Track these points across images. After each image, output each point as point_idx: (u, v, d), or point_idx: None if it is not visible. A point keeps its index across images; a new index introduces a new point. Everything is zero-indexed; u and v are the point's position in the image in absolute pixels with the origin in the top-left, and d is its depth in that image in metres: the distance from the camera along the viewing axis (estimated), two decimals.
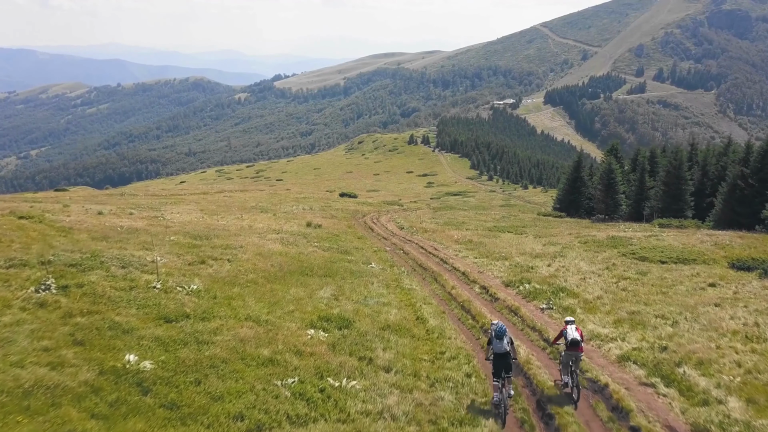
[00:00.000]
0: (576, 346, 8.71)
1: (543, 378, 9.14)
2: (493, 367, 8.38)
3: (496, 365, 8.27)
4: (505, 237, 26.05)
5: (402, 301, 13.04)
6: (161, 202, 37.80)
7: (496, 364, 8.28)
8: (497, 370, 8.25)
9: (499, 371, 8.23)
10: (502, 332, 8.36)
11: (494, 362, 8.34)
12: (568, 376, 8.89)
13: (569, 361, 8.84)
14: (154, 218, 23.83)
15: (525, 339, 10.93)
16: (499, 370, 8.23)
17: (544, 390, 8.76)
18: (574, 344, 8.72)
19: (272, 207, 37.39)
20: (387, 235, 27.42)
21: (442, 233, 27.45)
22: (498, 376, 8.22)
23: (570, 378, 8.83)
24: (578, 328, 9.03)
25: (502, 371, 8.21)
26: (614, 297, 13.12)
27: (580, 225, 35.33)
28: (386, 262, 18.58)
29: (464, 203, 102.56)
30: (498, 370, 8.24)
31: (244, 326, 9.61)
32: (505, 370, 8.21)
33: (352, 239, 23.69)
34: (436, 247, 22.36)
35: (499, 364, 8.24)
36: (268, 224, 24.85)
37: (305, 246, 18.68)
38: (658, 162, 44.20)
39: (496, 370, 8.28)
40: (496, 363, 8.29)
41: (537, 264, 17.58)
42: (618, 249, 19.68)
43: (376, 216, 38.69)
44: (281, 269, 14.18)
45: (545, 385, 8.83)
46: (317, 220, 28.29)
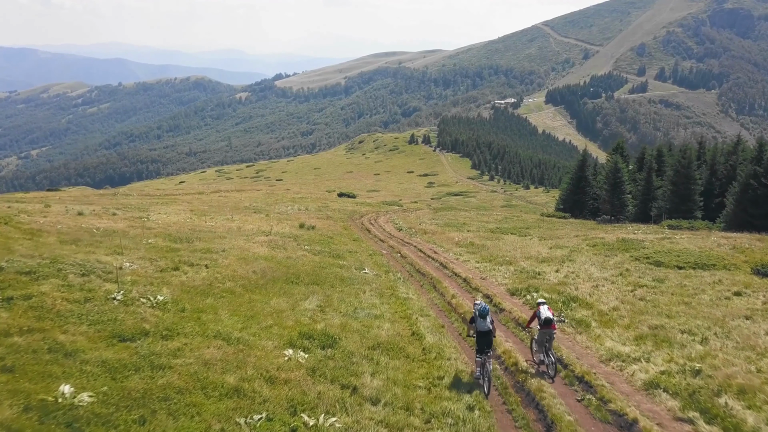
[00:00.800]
0: (549, 324, 9.22)
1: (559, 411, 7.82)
2: (476, 344, 8.91)
3: (479, 342, 8.83)
4: (508, 239, 24.72)
5: (396, 313, 11.74)
6: (152, 202, 36.55)
7: (479, 341, 8.83)
8: (480, 347, 8.80)
9: (482, 348, 8.80)
10: (485, 312, 8.96)
11: (477, 339, 8.88)
12: (543, 354, 9.41)
13: (543, 340, 9.30)
14: (137, 219, 22.55)
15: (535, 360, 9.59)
16: (482, 347, 8.79)
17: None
18: (548, 322, 9.21)
19: (266, 207, 36.10)
20: (384, 237, 26.11)
21: (442, 235, 26.13)
22: (481, 352, 8.81)
23: (545, 356, 9.32)
24: (550, 308, 9.66)
25: (484, 347, 8.78)
26: (632, 308, 11.80)
27: (585, 226, 33.99)
28: (381, 267, 17.26)
29: (465, 203, 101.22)
30: (481, 347, 8.80)
31: (211, 346, 8.31)
32: (487, 346, 8.79)
33: (346, 242, 22.38)
34: (436, 250, 21.05)
35: (482, 341, 8.79)
36: (258, 226, 23.55)
37: (294, 249, 17.37)
38: (665, 161, 42.86)
39: (479, 346, 8.83)
40: (479, 340, 8.84)
41: (544, 269, 16.25)
42: (630, 253, 18.35)
43: (374, 217, 37.40)
44: (264, 276, 12.87)
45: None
46: (311, 222, 26.99)
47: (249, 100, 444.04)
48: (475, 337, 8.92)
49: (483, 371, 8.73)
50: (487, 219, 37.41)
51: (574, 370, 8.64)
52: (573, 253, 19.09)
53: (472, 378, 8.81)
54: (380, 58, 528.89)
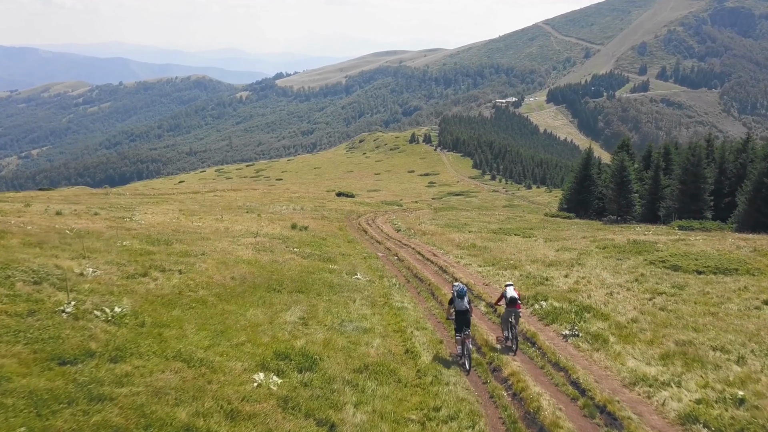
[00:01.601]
0: (514, 303, 9.94)
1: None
2: (455, 324, 9.40)
3: (458, 321, 9.30)
4: (512, 240, 23.44)
5: (389, 326, 10.45)
6: (142, 202, 35.33)
7: (458, 321, 9.30)
8: (459, 326, 9.30)
9: (460, 327, 9.28)
10: (463, 293, 9.51)
11: (456, 319, 9.35)
12: (507, 330, 10.10)
13: (509, 317, 10.00)
14: (119, 219, 21.30)
15: (548, 383, 8.30)
16: (460, 326, 9.28)
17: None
18: (513, 302, 9.94)
19: (260, 207, 34.85)
20: (381, 238, 24.85)
21: (443, 236, 24.86)
22: (460, 331, 9.29)
23: (509, 332, 10.03)
24: (516, 288, 10.40)
25: (463, 326, 9.26)
26: (653, 320, 10.52)
27: (591, 227, 32.69)
28: (376, 271, 15.97)
29: (467, 203, 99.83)
30: (460, 326, 9.30)
31: (168, 369, 7.06)
32: (465, 325, 9.26)
33: (340, 243, 21.12)
34: (435, 253, 19.78)
35: (461, 320, 9.29)
36: (247, 226, 22.30)
37: (282, 252, 16.09)
38: (672, 159, 41.54)
39: (457, 325, 9.32)
40: (458, 319, 9.31)
41: (552, 274, 14.97)
42: (644, 256, 17.07)
43: (372, 217, 36.13)
44: (243, 283, 11.61)
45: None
46: (305, 222, 25.73)
47: (249, 100, 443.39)
48: (454, 317, 9.45)
49: (463, 349, 9.26)
50: (489, 219, 36.13)
51: (593, 398, 7.39)
52: (582, 256, 17.79)
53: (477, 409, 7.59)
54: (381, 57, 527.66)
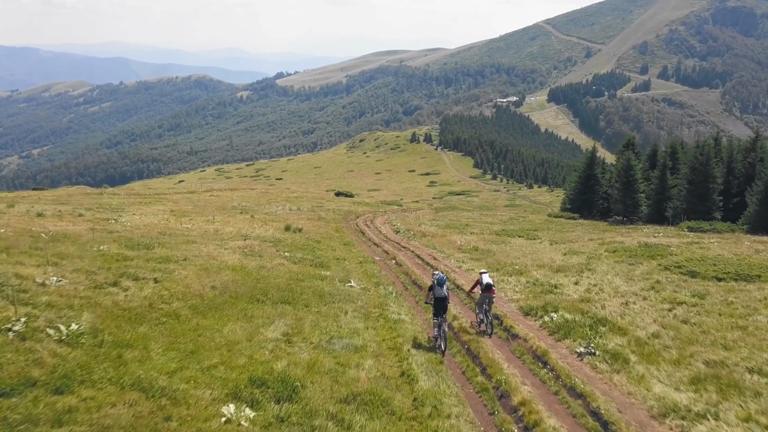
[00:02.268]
0: (489, 289, 10.58)
1: None
2: (434, 309, 10.03)
3: (436, 307, 9.93)
4: (515, 243, 22.38)
5: (384, 342, 9.39)
6: (135, 202, 34.32)
7: (437, 306, 9.93)
8: (437, 311, 9.91)
9: (438, 312, 9.87)
10: (443, 281, 10.10)
11: (435, 305, 9.99)
12: (482, 314, 10.72)
13: (483, 302, 10.64)
14: (104, 221, 20.28)
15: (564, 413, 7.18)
16: (438, 311, 9.87)
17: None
18: (488, 287, 10.57)
19: (256, 207, 33.80)
20: (379, 240, 23.80)
21: (443, 238, 23.81)
22: (437, 316, 9.90)
23: (484, 316, 10.68)
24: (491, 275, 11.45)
25: (440, 311, 9.85)
26: (676, 334, 9.47)
27: (597, 228, 31.63)
28: (372, 278, 14.89)
29: (468, 203, 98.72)
30: (437, 311, 9.89)
31: (121, 401, 6.01)
32: (442, 311, 9.84)
33: (335, 246, 20.05)
34: (435, 257, 18.73)
35: (439, 306, 9.88)
36: (239, 228, 21.26)
37: (271, 257, 15.04)
38: (679, 158, 40.44)
39: (435, 311, 9.95)
40: (436, 305, 9.95)
41: (561, 281, 13.91)
42: (657, 260, 16.00)
43: (371, 217, 35.08)
44: (224, 292, 10.56)
45: None
46: (300, 223, 24.69)
47: (250, 99, 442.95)
48: (433, 303, 10.14)
49: (440, 331, 9.97)
50: (492, 220, 35.07)
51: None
52: (591, 260, 16.73)
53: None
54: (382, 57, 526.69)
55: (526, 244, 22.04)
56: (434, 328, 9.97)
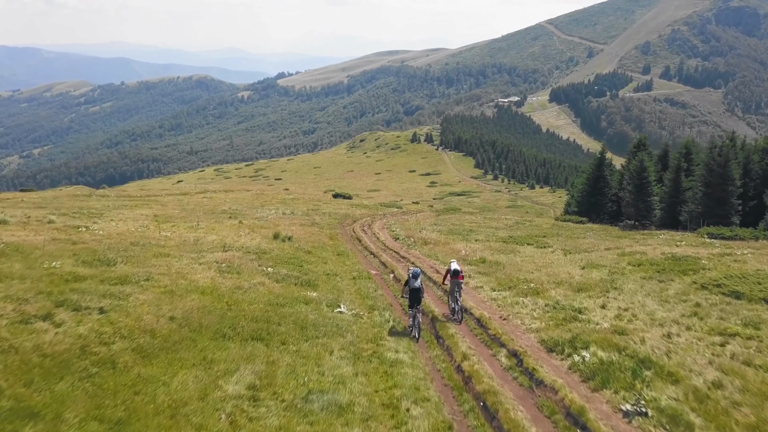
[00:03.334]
0: (457, 274, 11.65)
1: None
2: (409, 301, 10.96)
3: (412, 299, 10.90)
4: (525, 252, 20.47)
5: (376, 395, 7.40)
6: (121, 205, 32.47)
7: (412, 298, 10.90)
8: (412, 303, 10.91)
9: (413, 303, 10.89)
10: (417, 275, 11.11)
11: (410, 297, 10.92)
12: (453, 302, 11.70)
13: (454, 289, 11.65)
14: (74, 229, 18.41)
15: None
16: (413, 303, 10.89)
17: None
18: (456, 273, 11.66)
19: (247, 211, 31.91)
20: (377, 248, 21.90)
21: (446, 246, 21.90)
22: (412, 307, 10.90)
23: (455, 303, 11.68)
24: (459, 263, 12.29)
25: (415, 303, 10.87)
26: (744, 384, 7.55)
27: (610, 233, 29.71)
28: (366, 299, 12.93)
29: (469, 204, 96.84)
30: (412, 303, 10.90)
31: None
32: (417, 302, 10.86)
33: (327, 258, 18.14)
34: (439, 270, 16.82)
35: (414, 298, 10.87)
36: (223, 236, 19.38)
37: (251, 274, 13.13)
38: (693, 159, 38.50)
39: (411, 302, 10.93)
40: (411, 297, 10.90)
41: (585, 303, 11.99)
42: (690, 277, 14.08)
43: (369, 221, 33.18)
44: (184, 325, 8.68)
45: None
46: (291, 230, 22.80)
47: (251, 99, 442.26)
48: (408, 295, 10.83)
49: (414, 322, 10.65)
50: (497, 224, 33.15)
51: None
52: (615, 276, 14.80)
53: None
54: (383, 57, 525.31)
55: (538, 253, 20.11)
56: (409, 318, 10.97)
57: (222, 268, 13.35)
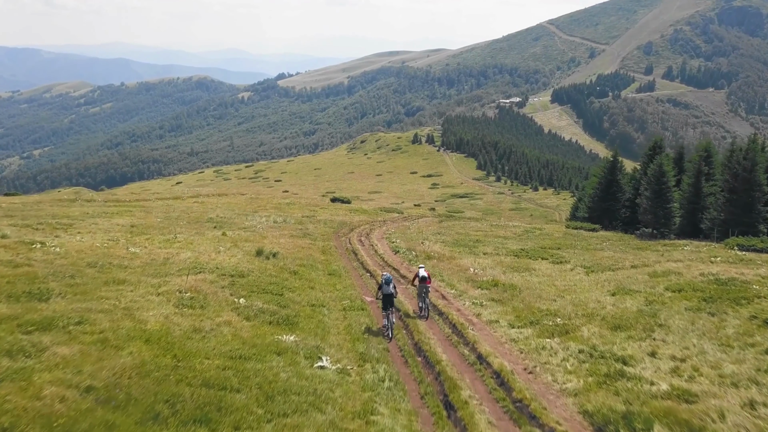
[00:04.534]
0: (424, 280, 13.27)
1: None
2: (382, 303, 11.98)
3: (384, 302, 11.93)
4: (541, 270, 18.14)
5: None
6: (101, 212, 30.18)
7: (384, 302, 11.93)
8: (385, 306, 11.91)
9: (386, 306, 11.88)
10: (389, 280, 12.11)
11: (383, 300, 11.96)
12: (422, 302, 13.31)
13: (422, 292, 13.29)
14: (27, 245, 16.09)
15: None
16: (386, 306, 11.89)
17: None
18: (423, 279, 13.25)
19: (235, 219, 29.56)
20: (374, 264, 19.55)
21: (452, 262, 19.57)
22: (385, 309, 11.88)
23: (423, 303, 13.28)
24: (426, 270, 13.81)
25: (388, 306, 11.85)
26: None
27: (627, 244, 27.37)
28: (357, 341, 10.45)
29: (471, 206, 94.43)
30: (385, 306, 11.90)
31: None
32: (390, 305, 11.84)
33: (316, 280, 15.78)
34: (445, 295, 14.49)
35: (386, 302, 11.88)
36: (199, 253, 17.06)
37: (218, 308, 10.79)
38: (713, 162, 36.10)
39: (384, 305, 11.94)
40: (384, 301, 11.94)
41: (628, 348, 9.61)
42: (745, 308, 11.73)
43: (368, 230, 30.83)
44: (103, 400, 6.30)
45: None
46: (279, 243, 20.50)
47: (251, 100, 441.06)
48: (381, 299, 12.02)
49: (388, 322, 11.75)
50: (504, 233, 30.77)
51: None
52: (654, 305, 12.45)
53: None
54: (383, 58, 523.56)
55: (556, 272, 17.76)
56: (384, 319, 11.81)
57: (184, 300, 11.01)
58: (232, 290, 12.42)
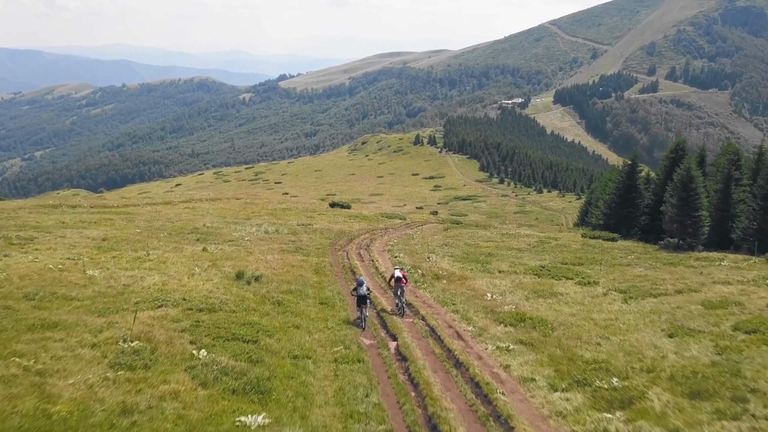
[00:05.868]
0: (399, 280, 14.54)
1: None
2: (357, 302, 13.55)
3: (358, 301, 13.46)
4: (570, 294, 15.49)
5: None
6: (76, 222, 27.56)
7: (358, 301, 13.46)
8: (359, 304, 13.48)
9: (359, 304, 13.43)
10: (362, 283, 13.67)
11: (357, 300, 13.50)
12: (398, 299, 14.56)
13: (397, 290, 14.56)
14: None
15: None
16: (359, 304, 13.43)
17: None
18: (398, 279, 14.54)
19: (223, 229, 26.93)
20: (375, 287, 16.86)
21: (464, 284, 16.93)
22: (359, 306, 13.46)
23: (398, 300, 14.55)
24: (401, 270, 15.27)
25: (361, 304, 13.39)
26: None
27: (655, 257, 24.69)
28: (350, 420, 7.73)
29: (475, 209, 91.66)
30: (359, 304, 13.44)
31: None
32: (363, 304, 13.37)
33: (304, 314, 13.03)
34: (461, 334, 11.83)
35: (360, 301, 13.41)
36: (167, 277, 14.43)
37: (168, 367, 8.11)
38: (741, 165, 33.41)
39: (358, 303, 13.50)
40: (358, 300, 13.47)
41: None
42: None
43: (368, 240, 28.17)
44: None
45: None
46: (267, 260, 17.89)
47: (252, 101, 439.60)
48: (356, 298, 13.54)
49: (361, 315, 13.33)
50: (517, 244, 28.10)
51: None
52: (728, 354, 9.78)
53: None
54: (385, 59, 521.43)
55: (587, 297, 15.10)
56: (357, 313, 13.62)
57: (125, 354, 8.40)
58: (194, 335, 9.78)
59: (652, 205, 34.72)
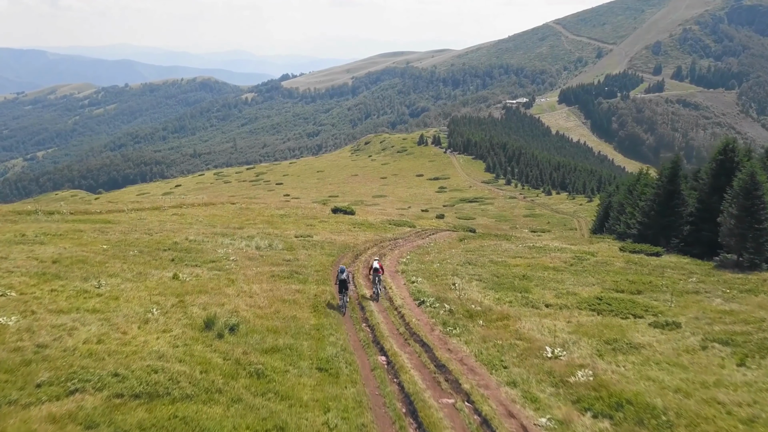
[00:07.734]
0: (377, 271, 16.45)
1: None
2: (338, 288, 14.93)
3: (340, 287, 14.82)
4: (655, 346, 11.46)
5: None
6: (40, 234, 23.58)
7: (340, 287, 14.82)
8: (340, 289, 14.84)
9: (341, 290, 14.79)
10: (343, 270, 15.08)
11: (339, 285, 14.87)
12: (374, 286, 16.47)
13: (375, 279, 16.49)
14: None
15: None
16: (341, 289, 14.79)
17: None
18: (375, 270, 16.42)
19: (207, 244, 22.90)
20: (393, 334, 12.64)
21: (508, 328, 12.87)
22: (340, 292, 14.82)
23: (375, 288, 16.45)
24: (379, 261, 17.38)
25: (343, 290, 14.76)
26: None
27: (723, 281, 20.60)
28: None
29: (483, 212, 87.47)
30: (341, 289, 14.80)
31: None
32: (345, 289, 14.77)
33: (292, 396, 8.08)
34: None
35: (341, 286, 14.75)
36: (110, 326, 10.45)
37: None
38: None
39: (339, 289, 14.89)
40: (339, 286, 14.83)
41: None
42: None
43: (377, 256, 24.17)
44: None
45: None
46: (252, 291, 13.89)
47: (255, 101, 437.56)
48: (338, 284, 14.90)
49: (342, 301, 14.74)
50: (551, 261, 24.00)
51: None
52: None
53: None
54: (388, 58, 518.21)
55: (681, 352, 11.07)
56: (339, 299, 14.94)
57: None
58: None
59: (697, 214, 30.68)
